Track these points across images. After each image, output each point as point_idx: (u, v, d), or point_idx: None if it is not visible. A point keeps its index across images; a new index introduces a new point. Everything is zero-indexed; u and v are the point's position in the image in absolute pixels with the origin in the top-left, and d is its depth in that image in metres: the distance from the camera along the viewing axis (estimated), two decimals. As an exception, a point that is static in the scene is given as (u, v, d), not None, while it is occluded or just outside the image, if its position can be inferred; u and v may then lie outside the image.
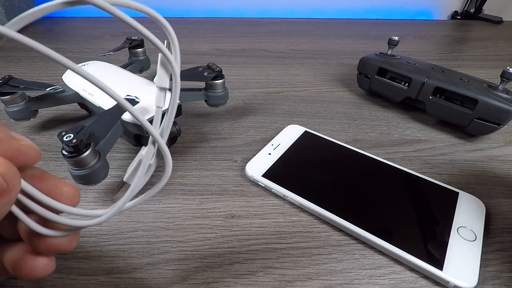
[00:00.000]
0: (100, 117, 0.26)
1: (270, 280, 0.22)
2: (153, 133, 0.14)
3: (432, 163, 0.32)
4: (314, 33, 0.68)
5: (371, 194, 0.27)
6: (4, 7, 0.57)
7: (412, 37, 0.67)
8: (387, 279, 0.22)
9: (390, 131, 0.37)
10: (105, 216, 0.15)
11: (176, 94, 0.15)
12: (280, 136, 0.34)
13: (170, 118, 0.15)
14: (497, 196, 0.28)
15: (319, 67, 0.52)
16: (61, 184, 0.14)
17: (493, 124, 0.33)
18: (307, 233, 0.25)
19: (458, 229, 0.24)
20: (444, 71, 0.37)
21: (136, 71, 0.41)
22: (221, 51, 0.58)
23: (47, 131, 0.35)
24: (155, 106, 0.15)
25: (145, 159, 0.15)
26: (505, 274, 0.22)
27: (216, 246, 0.24)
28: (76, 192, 0.15)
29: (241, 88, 0.45)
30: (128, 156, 0.32)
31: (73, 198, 0.15)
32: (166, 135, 0.15)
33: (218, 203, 0.27)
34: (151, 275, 0.22)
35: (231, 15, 0.80)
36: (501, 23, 0.77)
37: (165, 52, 0.14)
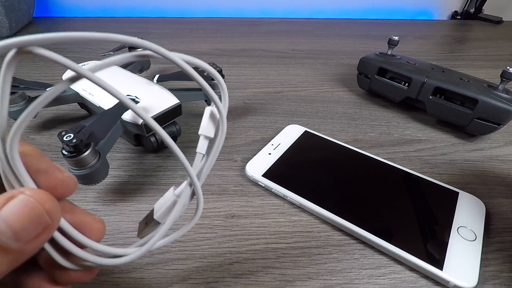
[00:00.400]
0: (100, 117, 0.26)
1: (270, 280, 0.22)
2: (192, 176, 0.14)
3: (432, 163, 0.32)
4: (314, 33, 0.68)
5: (371, 194, 0.27)
6: (4, 7, 0.57)
7: (412, 37, 0.67)
8: (387, 279, 0.22)
9: (390, 131, 0.37)
10: (134, 255, 0.15)
11: (221, 143, 0.15)
12: (280, 136, 0.34)
13: (210, 164, 0.15)
14: (497, 196, 0.28)
15: (319, 67, 0.52)
16: (91, 219, 0.14)
17: (493, 124, 0.33)
18: (307, 233, 0.25)
19: (458, 229, 0.24)
20: (444, 71, 0.37)
21: (136, 71, 0.41)
22: (221, 51, 0.58)
23: (47, 131, 0.35)
24: (197, 151, 0.15)
25: (181, 201, 0.15)
26: (505, 274, 0.22)
27: (216, 246, 0.24)
28: (104, 227, 0.15)
29: (241, 88, 0.45)
30: (128, 156, 0.32)
31: (101, 233, 0.15)
32: (203, 179, 0.15)
33: (218, 203, 0.27)
34: (151, 275, 0.22)
35: (231, 15, 0.80)
36: (501, 23, 0.77)
37: (221, 110, 0.14)
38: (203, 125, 0.15)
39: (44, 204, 0.11)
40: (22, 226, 0.11)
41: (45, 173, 0.12)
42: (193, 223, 0.16)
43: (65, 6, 0.77)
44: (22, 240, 0.11)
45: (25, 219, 0.11)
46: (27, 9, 0.65)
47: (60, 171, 0.13)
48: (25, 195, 0.11)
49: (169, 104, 0.29)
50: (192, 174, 0.14)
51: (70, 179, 0.13)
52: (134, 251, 0.15)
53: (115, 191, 0.28)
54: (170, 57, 0.12)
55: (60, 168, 0.13)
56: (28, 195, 0.11)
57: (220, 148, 0.15)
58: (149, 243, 0.15)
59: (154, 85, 0.32)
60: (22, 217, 0.11)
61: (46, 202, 0.11)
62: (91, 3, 0.77)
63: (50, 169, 0.12)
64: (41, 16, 0.74)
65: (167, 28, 0.68)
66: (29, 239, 0.11)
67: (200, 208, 0.16)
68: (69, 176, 0.13)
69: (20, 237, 0.11)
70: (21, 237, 0.11)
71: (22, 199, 0.11)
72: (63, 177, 0.13)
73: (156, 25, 0.70)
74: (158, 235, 0.15)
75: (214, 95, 0.14)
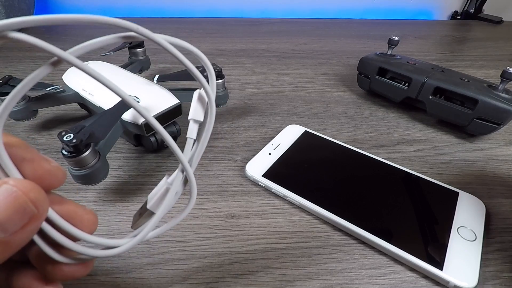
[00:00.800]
0: (100, 117, 0.26)
1: (270, 280, 0.22)
2: (183, 161, 0.14)
3: (432, 163, 0.32)
4: (314, 33, 0.68)
5: (371, 194, 0.27)
6: (4, 7, 0.57)
7: (412, 37, 0.67)
8: (387, 279, 0.22)
9: (390, 131, 0.37)
10: (127, 245, 0.14)
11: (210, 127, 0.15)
12: (280, 136, 0.34)
13: (201, 149, 0.15)
14: (497, 196, 0.28)
15: (319, 67, 0.52)
16: (81, 211, 0.14)
17: (493, 124, 0.33)
18: (307, 233, 0.25)
19: (458, 229, 0.24)
20: (444, 71, 0.37)
21: (136, 71, 0.41)
22: (221, 51, 0.58)
23: (47, 131, 0.35)
24: (187, 137, 0.15)
25: (173, 188, 0.15)
26: (505, 274, 0.22)
27: (216, 246, 0.24)
28: (96, 219, 0.15)
29: (241, 88, 0.45)
30: (128, 156, 0.32)
31: (93, 225, 0.14)
32: (195, 165, 0.15)
33: (218, 203, 0.27)
34: (151, 275, 0.22)
35: (231, 15, 0.80)
36: (501, 23, 0.77)
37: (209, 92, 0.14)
38: (192, 109, 0.15)
39: (29, 193, 0.11)
40: (6, 216, 0.10)
41: (30, 162, 0.12)
42: (187, 211, 0.16)
43: (65, 6, 0.77)
44: (8, 230, 0.11)
45: (9, 209, 0.10)
46: (27, 9, 0.65)
47: (46, 161, 0.13)
48: (8, 185, 0.11)
49: (169, 104, 0.29)
50: (183, 159, 0.14)
51: (57, 169, 0.13)
52: (127, 242, 0.14)
53: (115, 191, 0.28)
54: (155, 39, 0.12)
55: (47, 159, 0.13)
56: (11, 185, 0.11)
57: (210, 132, 0.15)
58: (142, 233, 0.15)
59: (154, 85, 0.32)
60: (6, 207, 0.10)
61: (31, 191, 0.11)
62: (91, 3, 0.77)
63: (36, 158, 0.12)
64: (41, 16, 0.74)
65: (167, 28, 0.68)
66: (15, 230, 0.11)
67: (193, 195, 0.16)
68: (56, 166, 0.13)
69: (6, 228, 0.11)
70: (7, 228, 0.11)
71: (5, 188, 0.11)
72: (50, 167, 0.13)
73: (156, 25, 0.70)
74: (151, 225, 0.15)
75: (201, 77, 0.14)
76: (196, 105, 0.15)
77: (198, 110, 0.15)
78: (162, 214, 0.15)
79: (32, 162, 0.12)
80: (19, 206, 0.11)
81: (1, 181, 0.11)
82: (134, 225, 0.16)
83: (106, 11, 0.77)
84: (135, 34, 0.11)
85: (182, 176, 0.15)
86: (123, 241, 0.14)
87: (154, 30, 0.12)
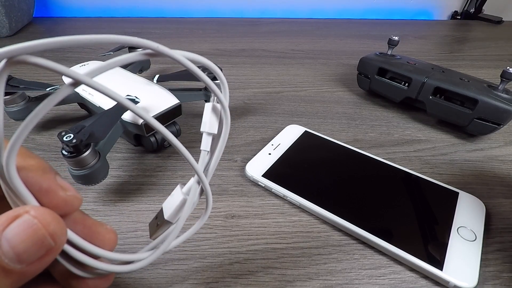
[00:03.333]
0: (100, 117, 0.26)
1: (270, 280, 0.22)
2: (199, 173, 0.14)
3: (432, 163, 0.32)
4: (314, 33, 0.68)
5: (371, 194, 0.27)
6: (4, 7, 0.57)
7: (412, 37, 0.67)
8: (387, 279, 0.22)
9: (390, 131, 0.37)
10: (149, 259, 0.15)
11: (225, 138, 0.15)
12: (280, 136, 0.34)
13: (216, 161, 0.15)
14: (497, 196, 0.28)
15: (319, 67, 0.52)
16: (103, 230, 0.14)
17: (493, 124, 0.33)
18: (307, 233, 0.25)
19: (458, 229, 0.24)
20: (444, 71, 0.37)
21: (136, 71, 0.41)
22: (221, 51, 0.58)
23: (47, 131, 0.35)
24: (201, 149, 0.15)
25: (191, 199, 0.15)
26: (505, 274, 0.22)
27: (216, 246, 0.24)
28: (116, 237, 0.15)
29: (241, 88, 0.45)
30: (128, 156, 0.32)
31: (113, 244, 0.14)
32: (210, 176, 0.15)
33: (218, 203, 0.27)
34: (151, 275, 0.22)
35: (231, 15, 0.80)
36: (501, 23, 0.77)
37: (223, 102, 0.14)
38: (204, 121, 0.15)
39: (49, 226, 0.11)
40: (25, 248, 0.10)
41: (47, 192, 0.12)
42: (204, 220, 0.16)
43: (65, 6, 0.77)
44: (25, 262, 0.11)
45: (28, 241, 0.10)
46: (27, 9, 0.65)
47: (63, 190, 0.12)
48: (29, 216, 0.11)
49: (169, 104, 0.29)
50: (200, 171, 0.14)
51: (74, 198, 0.13)
52: (150, 254, 0.15)
53: (115, 191, 0.28)
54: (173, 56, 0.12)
55: (63, 186, 0.12)
56: (32, 216, 0.11)
57: (225, 143, 0.15)
58: (164, 244, 0.15)
59: (154, 85, 0.32)
60: (25, 239, 0.10)
61: (51, 224, 0.11)
62: (91, 3, 0.77)
63: (52, 187, 0.12)
64: (41, 16, 0.74)
65: (167, 28, 0.68)
66: (31, 261, 0.11)
67: (209, 205, 0.16)
68: (73, 195, 0.13)
69: (23, 259, 0.10)
70: (24, 259, 0.11)
71: (26, 219, 0.11)
72: (65, 197, 0.12)
73: (156, 25, 0.70)
74: (172, 235, 0.15)
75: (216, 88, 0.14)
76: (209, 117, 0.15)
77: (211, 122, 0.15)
78: (182, 224, 0.15)
79: (49, 192, 0.12)
80: (38, 239, 0.11)
81: (23, 210, 0.11)
82: (152, 235, 0.16)
83: (106, 11, 0.77)
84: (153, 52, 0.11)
85: (199, 187, 0.15)
86: (143, 255, 0.15)
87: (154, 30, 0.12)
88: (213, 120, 0.15)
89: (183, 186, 0.16)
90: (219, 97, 0.14)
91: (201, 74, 0.13)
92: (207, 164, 0.15)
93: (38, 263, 0.11)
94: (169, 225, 0.16)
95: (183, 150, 0.13)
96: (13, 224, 0.10)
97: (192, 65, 0.12)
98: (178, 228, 0.15)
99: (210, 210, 0.16)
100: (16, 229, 0.10)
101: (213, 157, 0.15)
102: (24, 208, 0.11)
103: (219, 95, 0.14)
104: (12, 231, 0.10)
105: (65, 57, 0.53)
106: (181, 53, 0.12)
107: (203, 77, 0.13)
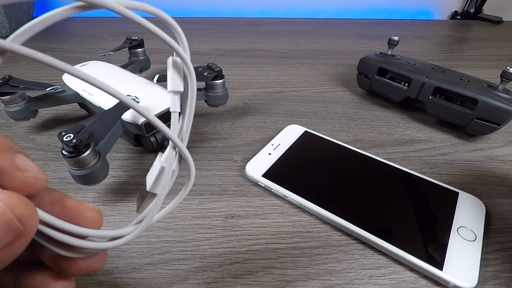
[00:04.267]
0: (100, 117, 0.26)
1: (270, 280, 0.22)
2: (173, 138, 0.13)
3: (432, 163, 0.32)
4: (314, 33, 0.68)
5: (371, 194, 0.27)
6: (4, 7, 0.57)
7: (412, 37, 0.67)
8: (387, 279, 0.22)
9: (390, 131, 0.37)
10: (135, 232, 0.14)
11: (193, 95, 0.14)
12: (280, 136, 0.34)
13: (189, 121, 0.15)
14: (497, 196, 0.28)
15: (319, 67, 0.52)
16: (84, 209, 0.14)
17: (493, 124, 0.33)
18: (307, 233, 0.25)
19: (458, 229, 0.24)
20: (444, 71, 0.37)
21: (136, 71, 0.41)
22: (221, 51, 0.58)
23: (47, 131, 0.35)
24: (171, 111, 0.14)
25: (168, 166, 0.14)
26: (505, 274, 0.22)
27: (216, 246, 0.24)
28: (100, 216, 0.14)
29: (241, 88, 0.45)
30: (128, 156, 0.32)
31: (98, 222, 0.14)
32: (186, 139, 0.15)
33: (218, 203, 0.27)
34: (151, 275, 0.22)
35: (231, 15, 0.80)
36: (501, 23, 0.77)
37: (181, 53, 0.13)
38: (169, 80, 0.14)
39: (15, 209, 0.10)
40: None
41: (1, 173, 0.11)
42: (189, 188, 0.15)
43: (65, 6, 0.76)
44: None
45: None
46: (27, 9, 0.65)
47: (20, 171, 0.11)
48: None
49: (169, 104, 0.29)
50: (172, 135, 0.13)
51: (34, 179, 0.12)
52: (134, 229, 0.14)
53: (115, 191, 0.28)
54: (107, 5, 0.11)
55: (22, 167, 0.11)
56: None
57: (195, 100, 0.14)
58: (147, 217, 0.14)
59: (154, 85, 0.32)
60: None
61: (17, 207, 0.10)
62: (91, 3, 0.76)
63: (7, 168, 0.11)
64: (41, 16, 0.74)
65: (167, 28, 0.68)
66: (0, 247, 0.10)
67: (192, 170, 0.15)
68: (33, 176, 0.12)
69: None
70: None
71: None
72: (23, 178, 0.11)
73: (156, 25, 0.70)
74: (154, 207, 0.14)
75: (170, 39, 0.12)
76: (172, 74, 0.14)
77: (176, 80, 0.14)
78: (164, 194, 0.14)
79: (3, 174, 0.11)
80: (4, 223, 0.10)
81: None
82: (139, 209, 0.16)
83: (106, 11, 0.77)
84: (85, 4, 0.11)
85: (175, 153, 0.14)
86: (129, 229, 0.14)
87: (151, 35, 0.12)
88: (176, 76, 0.14)
89: (162, 155, 0.15)
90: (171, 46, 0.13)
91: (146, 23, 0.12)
92: (180, 127, 0.14)
93: (9, 249, 0.10)
94: (153, 196, 0.15)
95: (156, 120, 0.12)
96: None
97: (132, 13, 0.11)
98: (160, 198, 0.14)
99: (193, 176, 0.15)
100: None
101: (185, 117, 0.14)
102: None
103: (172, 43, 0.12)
104: None
105: (65, 57, 0.53)
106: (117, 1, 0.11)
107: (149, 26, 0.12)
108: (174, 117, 0.14)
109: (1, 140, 0.12)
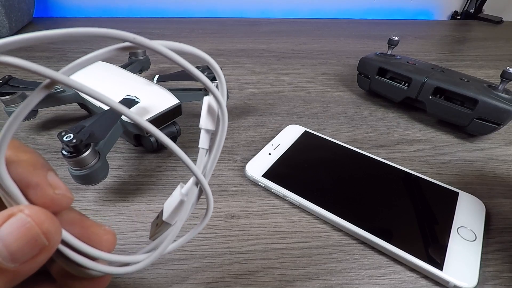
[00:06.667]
0: (100, 117, 0.26)
1: (270, 280, 0.22)
2: (197, 174, 0.14)
3: (432, 163, 0.32)
4: (314, 33, 0.68)
5: (371, 194, 0.27)
6: (4, 7, 0.57)
7: (412, 37, 0.67)
8: (387, 279, 0.22)
9: (390, 131, 0.37)
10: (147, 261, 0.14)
11: (223, 136, 0.14)
12: (280, 136, 0.34)
13: (215, 160, 0.15)
14: (497, 196, 0.28)
15: (319, 67, 0.52)
16: (101, 231, 0.14)
17: (493, 124, 0.33)
18: (307, 233, 0.25)
19: (458, 229, 0.24)
20: (444, 71, 0.37)
21: (136, 71, 0.41)
22: (221, 51, 0.58)
23: (47, 131, 0.35)
24: (199, 147, 0.14)
25: (189, 201, 0.14)
26: (505, 274, 0.22)
27: (216, 246, 0.24)
28: (114, 239, 0.15)
29: (241, 88, 0.45)
30: (128, 156, 0.32)
31: (111, 245, 0.14)
32: (209, 176, 0.15)
33: (218, 203, 0.27)
34: (151, 275, 0.22)
35: (231, 15, 0.80)
36: (501, 23, 0.77)
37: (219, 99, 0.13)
38: (202, 118, 0.14)
39: (42, 224, 0.11)
40: (18, 247, 0.10)
41: (34, 189, 0.12)
42: (204, 223, 0.16)
43: (65, 6, 0.77)
44: (18, 260, 0.11)
45: (21, 240, 0.10)
46: (27, 9, 0.65)
47: (51, 188, 0.12)
48: (23, 214, 0.11)
49: (169, 104, 0.29)
50: (197, 172, 0.14)
51: (63, 196, 0.12)
52: (147, 257, 0.14)
53: (115, 191, 0.28)
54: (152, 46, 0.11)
55: (53, 184, 0.12)
56: (26, 215, 0.11)
57: (223, 141, 0.15)
58: (161, 247, 0.14)
59: (154, 85, 0.32)
60: (19, 238, 0.10)
61: (44, 223, 0.11)
62: (91, 3, 0.77)
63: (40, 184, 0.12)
64: (41, 16, 0.74)
65: (167, 28, 0.68)
66: (25, 260, 0.11)
67: (210, 207, 0.15)
68: (62, 194, 0.12)
69: (16, 258, 0.10)
70: (17, 258, 0.10)
71: (20, 218, 0.11)
72: (53, 195, 0.12)
73: (156, 25, 0.70)
74: (169, 238, 0.14)
75: (211, 84, 0.13)
76: (206, 113, 0.14)
77: (209, 119, 0.14)
78: (179, 227, 0.15)
79: (36, 189, 0.12)
80: (31, 237, 0.11)
81: (17, 209, 0.11)
82: (152, 236, 0.16)
83: (106, 11, 0.77)
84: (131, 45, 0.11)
85: (197, 188, 0.15)
86: (141, 257, 0.14)
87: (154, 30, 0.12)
88: (210, 116, 0.14)
89: (183, 186, 0.15)
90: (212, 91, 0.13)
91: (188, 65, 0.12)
92: (206, 163, 0.15)
93: (32, 262, 0.11)
94: (168, 226, 0.15)
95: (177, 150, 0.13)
96: (7, 223, 0.10)
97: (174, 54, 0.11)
98: (175, 231, 0.14)
99: (211, 213, 0.16)
100: (9, 228, 0.10)
101: (211, 155, 0.15)
102: (18, 207, 0.11)
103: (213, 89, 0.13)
104: (6, 230, 0.10)
105: (65, 57, 0.53)
106: (160, 43, 0.11)
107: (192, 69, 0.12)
108: (201, 153, 0.14)
109: (36, 158, 0.12)
